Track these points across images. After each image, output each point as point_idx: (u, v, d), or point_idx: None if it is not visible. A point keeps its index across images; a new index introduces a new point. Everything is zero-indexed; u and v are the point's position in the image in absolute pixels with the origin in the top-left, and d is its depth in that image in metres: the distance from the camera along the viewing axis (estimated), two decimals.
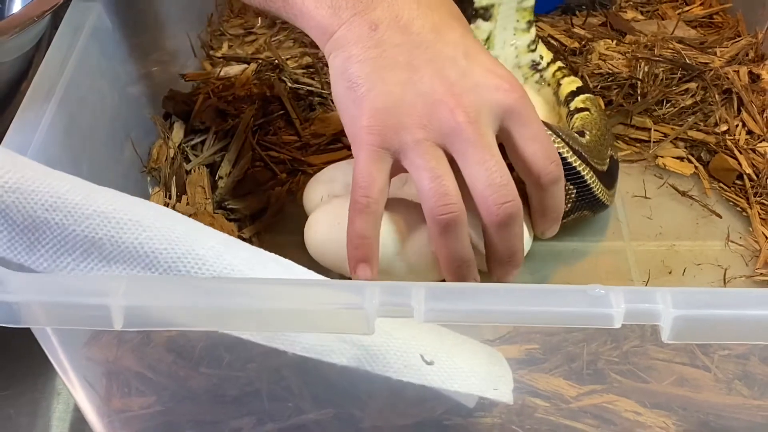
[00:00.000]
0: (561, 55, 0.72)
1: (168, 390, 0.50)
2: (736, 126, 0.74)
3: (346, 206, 0.55)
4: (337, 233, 0.56)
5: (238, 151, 0.72)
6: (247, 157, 0.71)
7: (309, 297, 0.43)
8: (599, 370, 0.50)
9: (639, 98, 0.77)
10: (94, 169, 0.61)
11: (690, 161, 0.73)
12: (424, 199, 0.54)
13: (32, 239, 0.44)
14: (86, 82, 0.61)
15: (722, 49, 0.83)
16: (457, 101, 0.53)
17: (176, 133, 0.74)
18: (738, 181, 0.71)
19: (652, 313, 0.42)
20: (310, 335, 0.45)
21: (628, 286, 0.43)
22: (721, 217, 0.69)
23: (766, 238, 0.66)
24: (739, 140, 0.73)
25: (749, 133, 0.74)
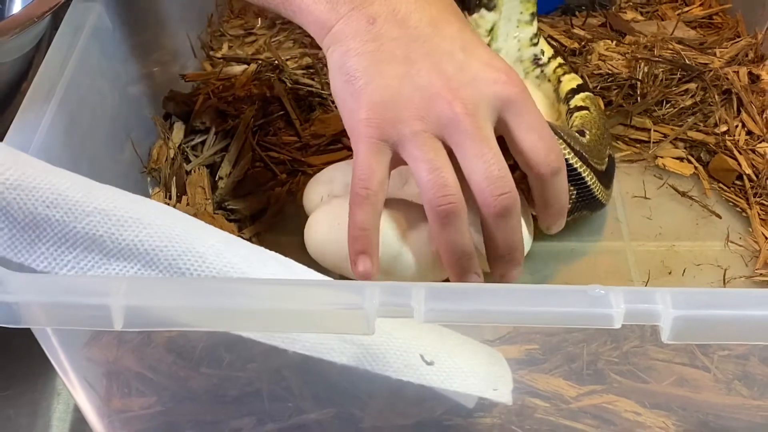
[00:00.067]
0: (561, 55, 0.72)
1: (168, 390, 0.50)
2: (736, 126, 0.74)
3: (345, 206, 0.55)
4: (337, 233, 0.56)
5: (238, 152, 0.72)
6: (247, 157, 0.71)
7: (309, 297, 0.43)
8: (599, 371, 0.50)
9: (639, 99, 0.77)
10: (94, 169, 0.61)
11: (690, 162, 0.73)
12: (423, 190, 0.54)
13: (33, 236, 0.44)
14: (86, 83, 0.61)
15: (722, 50, 0.83)
16: (455, 94, 0.54)
17: (176, 134, 0.74)
18: (738, 182, 0.71)
19: (652, 314, 0.42)
20: (311, 334, 0.45)
21: (628, 287, 0.43)
22: (720, 217, 0.69)
23: (766, 238, 0.66)
24: (738, 141, 0.73)
25: (749, 133, 0.74)
